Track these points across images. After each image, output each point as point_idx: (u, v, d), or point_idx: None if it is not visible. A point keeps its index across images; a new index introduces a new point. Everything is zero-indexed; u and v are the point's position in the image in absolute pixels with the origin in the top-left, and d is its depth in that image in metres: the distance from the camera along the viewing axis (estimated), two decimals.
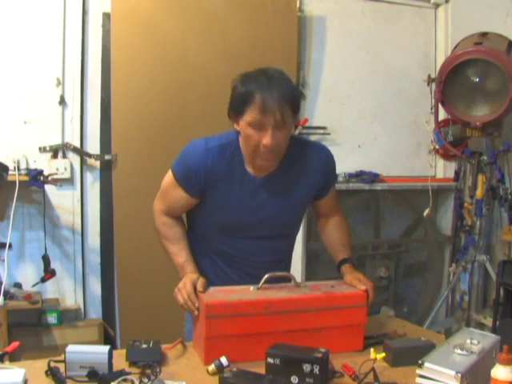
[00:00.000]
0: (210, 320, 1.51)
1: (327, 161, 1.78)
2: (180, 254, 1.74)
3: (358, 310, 1.61)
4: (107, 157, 2.93)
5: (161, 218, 1.80)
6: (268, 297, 1.57)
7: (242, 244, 1.76)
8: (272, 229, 1.76)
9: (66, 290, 2.94)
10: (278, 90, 1.55)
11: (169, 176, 1.77)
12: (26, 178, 2.65)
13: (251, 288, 1.62)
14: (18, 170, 2.69)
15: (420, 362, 1.26)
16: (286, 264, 1.90)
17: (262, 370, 1.35)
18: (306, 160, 1.74)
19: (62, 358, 1.38)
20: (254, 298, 1.57)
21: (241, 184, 1.69)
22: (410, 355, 1.40)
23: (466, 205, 3.39)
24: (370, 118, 3.52)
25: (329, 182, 1.82)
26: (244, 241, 1.75)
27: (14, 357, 1.54)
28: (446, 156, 3.62)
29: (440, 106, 3.18)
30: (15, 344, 1.46)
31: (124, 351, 1.49)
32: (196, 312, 1.56)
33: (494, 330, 2.75)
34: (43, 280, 2.72)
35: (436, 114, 3.26)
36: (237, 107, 1.60)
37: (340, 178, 3.24)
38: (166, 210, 1.79)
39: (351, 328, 1.61)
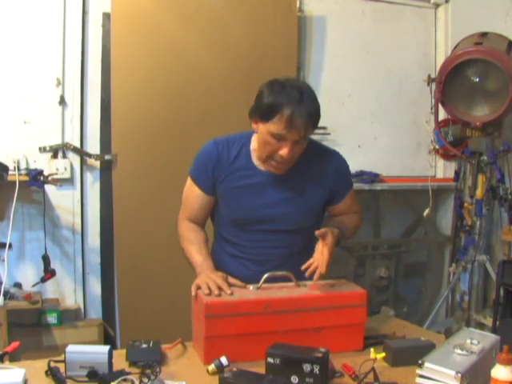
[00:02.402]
0: (209, 319, 1.51)
1: (339, 166, 1.82)
2: (200, 252, 1.77)
3: (358, 309, 1.62)
4: (107, 157, 2.92)
5: (183, 222, 1.86)
6: (267, 296, 1.57)
7: (254, 236, 1.79)
8: (282, 223, 1.77)
9: (65, 290, 2.94)
10: (306, 107, 1.57)
11: (187, 181, 1.85)
12: (26, 178, 2.65)
13: (251, 287, 1.63)
14: (18, 169, 2.69)
15: (420, 362, 1.26)
16: (302, 258, 1.83)
17: (262, 370, 1.35)
18: (318, 162, 1.79)
19: (62, 358, 1.38)
20: (254, 297, 1.57)
21: (248, 177, 1.75)
22: (410, 355, 1.40)
23: (466, 205, 3.39)
24: (370, 117, 3.51)
25: (342, 189, 1.84)
26: (256, 233, 1.78)
27: (14, 357, 1.54)
28: (446, 156, 3.62)
29: (440, 106, 3.18)
30: (15, 344, 1.46)
31: (124, 351, 1.49)
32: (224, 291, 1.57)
33: (494, 330, 2.75)
34: (43, 280, 2.72)
35: (436, 114, 3.26)
36: (263, 114, 1.62)
37: None
38: (188, 215, 1.85)
39: (351, 327, 1.62)
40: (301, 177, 1.76)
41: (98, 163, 2.97)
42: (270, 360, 1.36)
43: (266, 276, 1.62)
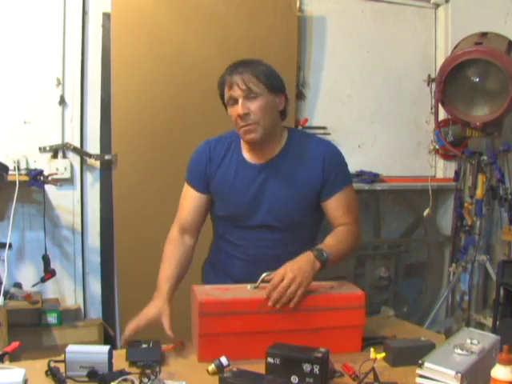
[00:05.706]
0: (203, 317, 1.51)
1: (327, 153, 1.76)
2: (162, 271, 1.82)
3: (356, 311, 1.60)
4: (107, 157, 2.92)
5: (172, 231, 1.86)
6: (263, 296, 1.56)
7: (246, 234, 1.79)
8: (272, 218, 1.76)
9: (65, 290, 2.94)
10: (242, 67, 1.69)
11: (184, 187, 1.87)
12: (26, 178, 2.65)
13: (248, 287, 1.62)
14: (18, 169, 2.69)
15: (420, 361, 1.26)
16: None
17: (261, 369, 1.35)
18: (306, 151, 1.77)
19: (62, 358, 1.38)
20: (249, 296, 1.57)
21: (238, 171, 1.77)
22: (410, 355, 1.40)
23: (466, 205, 3.39)
24: (370, 117, 3.51)
25: (332, 181, 1.75)
26: (247, 231, 1.78)
27: (14, 357, 1.54)
28: (446, 156, 3.62)
29: (440, 106, 3.18)
30: (15, 344, 1.46)
31: (124, 351, 1.49)
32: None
33: (494, 330, 2.75)
34: (43, 280, 2.72)
35: (436, 114, 3.26)
36: (221, 97, 1.75)
37: None
38: (182, 219, 1.84)
39: (348, 329, 1.59)
40: (292, 169, 1.75)
41: (98, 163, 2.97)
42: (270, 360, 1.36)
43: (264, 275, 1.61)
